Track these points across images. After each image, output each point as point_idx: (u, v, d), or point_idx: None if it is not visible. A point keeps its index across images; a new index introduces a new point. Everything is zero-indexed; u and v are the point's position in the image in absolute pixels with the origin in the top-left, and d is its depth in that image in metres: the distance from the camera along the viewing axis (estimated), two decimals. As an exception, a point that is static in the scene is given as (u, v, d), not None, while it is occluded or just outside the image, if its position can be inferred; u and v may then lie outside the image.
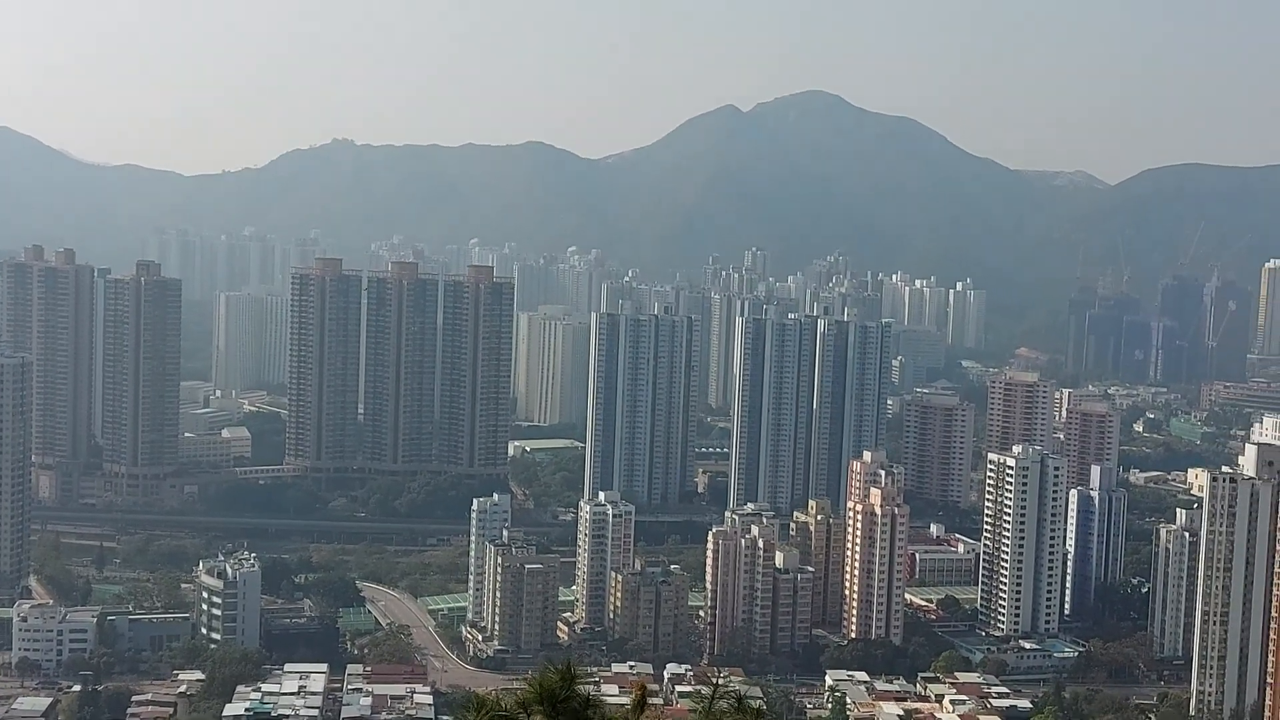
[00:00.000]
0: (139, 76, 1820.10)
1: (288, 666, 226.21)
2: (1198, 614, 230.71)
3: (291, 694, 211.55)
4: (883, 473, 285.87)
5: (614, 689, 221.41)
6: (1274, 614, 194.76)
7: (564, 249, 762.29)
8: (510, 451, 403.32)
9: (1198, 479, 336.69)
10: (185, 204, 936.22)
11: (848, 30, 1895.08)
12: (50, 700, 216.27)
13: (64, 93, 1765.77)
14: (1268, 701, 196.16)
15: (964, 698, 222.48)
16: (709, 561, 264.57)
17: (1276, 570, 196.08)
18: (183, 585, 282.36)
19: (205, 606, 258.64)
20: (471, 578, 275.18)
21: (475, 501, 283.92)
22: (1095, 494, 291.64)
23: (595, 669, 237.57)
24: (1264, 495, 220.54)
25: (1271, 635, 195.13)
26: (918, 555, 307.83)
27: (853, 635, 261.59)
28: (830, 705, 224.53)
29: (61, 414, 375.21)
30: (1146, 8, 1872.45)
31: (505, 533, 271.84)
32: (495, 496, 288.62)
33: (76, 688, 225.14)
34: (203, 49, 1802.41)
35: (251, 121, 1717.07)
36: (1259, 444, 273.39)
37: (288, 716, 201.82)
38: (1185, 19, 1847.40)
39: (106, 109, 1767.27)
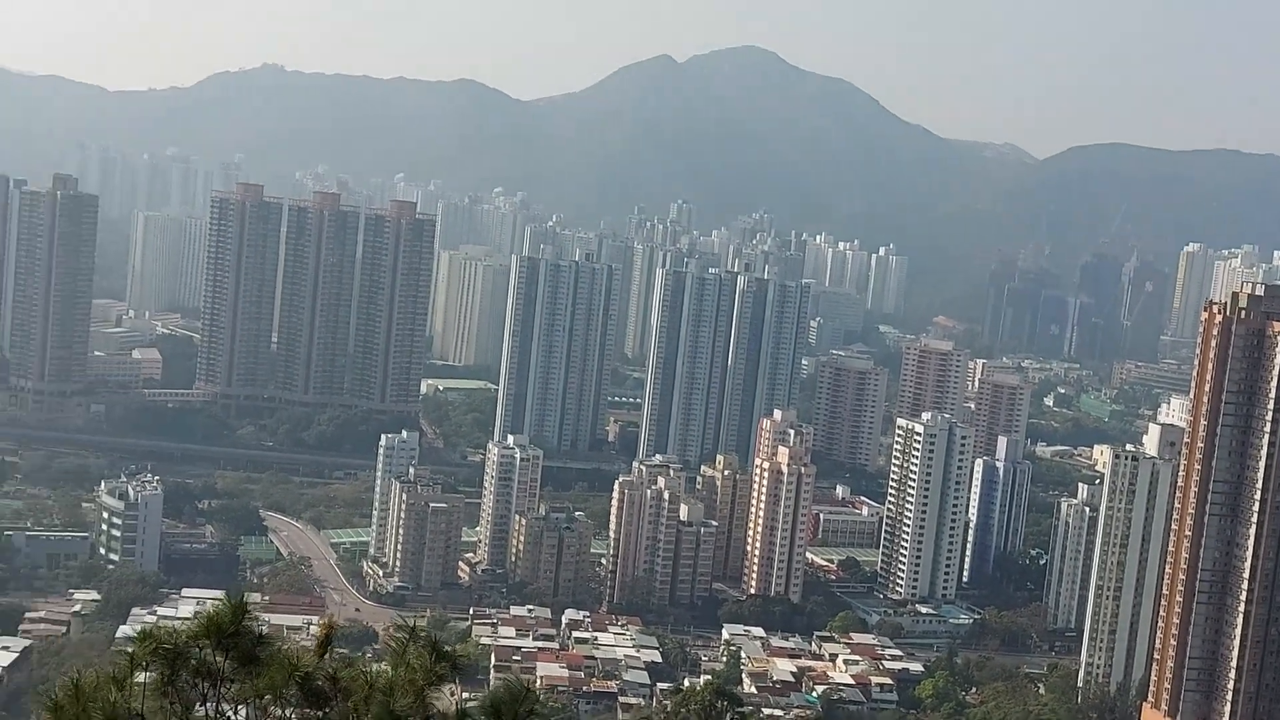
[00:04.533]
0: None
1: (185, 591, 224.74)
2: (1092, 588, 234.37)
3: (187, 619, 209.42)
4: (792, 431, 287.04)
5: (511, 631, 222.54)
6: (1165, 591, 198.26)
7: (490, 189, 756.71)
8: (423, 389, 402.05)
9: (1102, 456, 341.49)
10: (108, 119, 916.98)
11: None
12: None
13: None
14: (1153, 676, 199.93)
15: (858, 658, 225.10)
16: (614, 510, 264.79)
17: (1170, 549, 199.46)
18: (83, 504, 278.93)
19: (105, 527, 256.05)
20: (375, 513, 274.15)
21: (384, 437, 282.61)
22: (1001, 464, 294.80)
23: (493, 610, 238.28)
24: (1164, 475, 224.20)
25: (1162, 612, 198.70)
26: (822, 515, 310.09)
27: (752, 591, 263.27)
28: (725, 659, 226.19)
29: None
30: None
31: (412, 470, 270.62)
32: (404, 433, 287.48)
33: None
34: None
35: (181, 40, 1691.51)
36: (1163, 424, 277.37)
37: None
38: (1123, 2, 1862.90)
39: (33, 15, 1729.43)
